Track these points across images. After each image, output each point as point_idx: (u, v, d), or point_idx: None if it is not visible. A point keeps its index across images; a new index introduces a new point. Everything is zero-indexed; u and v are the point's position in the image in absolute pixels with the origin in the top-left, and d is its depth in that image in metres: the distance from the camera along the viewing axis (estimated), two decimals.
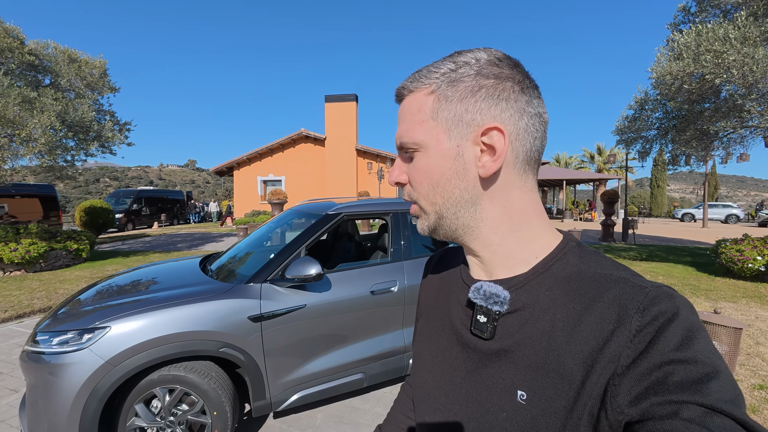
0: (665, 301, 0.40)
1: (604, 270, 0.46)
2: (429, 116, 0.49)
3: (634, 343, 0.39)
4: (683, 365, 0.36)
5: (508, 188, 0.49)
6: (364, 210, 3.07)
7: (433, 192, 0.51)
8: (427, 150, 0.50)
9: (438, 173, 0.50)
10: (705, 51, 5.49)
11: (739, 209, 26.37)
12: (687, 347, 0.37)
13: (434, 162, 0.50)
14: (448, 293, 0.61)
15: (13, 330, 4.73)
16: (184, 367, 2.21)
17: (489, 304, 0.49)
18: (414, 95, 0.51)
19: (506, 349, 0.48)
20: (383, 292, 2.83)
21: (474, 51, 0.49)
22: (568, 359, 0.42)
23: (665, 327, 0.38)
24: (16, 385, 3.32)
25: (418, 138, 0.50)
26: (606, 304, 0.42)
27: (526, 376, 0.45)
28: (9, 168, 7.93)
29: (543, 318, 0.46)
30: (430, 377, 0.58)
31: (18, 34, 7.88)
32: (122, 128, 9.43)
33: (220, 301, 2.33)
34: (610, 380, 0.39)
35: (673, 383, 0.36)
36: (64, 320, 2.21)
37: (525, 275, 0.49)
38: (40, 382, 2.01)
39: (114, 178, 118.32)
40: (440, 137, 0.49)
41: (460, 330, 0.54)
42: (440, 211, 0.51)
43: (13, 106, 6.65)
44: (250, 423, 2.72)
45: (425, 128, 0.50)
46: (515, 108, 0.47)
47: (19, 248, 7.46)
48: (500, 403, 0.47)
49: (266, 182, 21.89)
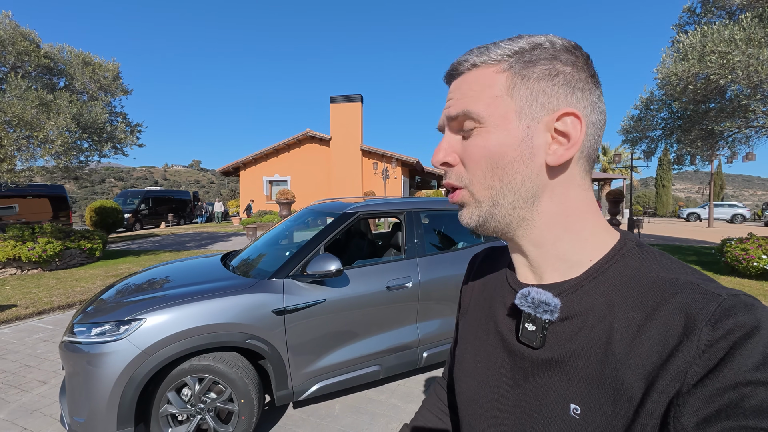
0: (743, 312, 0.35)
1: (669, 273, 0.42)
2: (502, 92, 0.46)
3: (704, 359, 0.35)
4: (764, 388, 0.32)
5: (569, 183, 0.46)
6: (379, 209, 3.19)
7: (491, 175, 0.46)
8: (490, 128, 0.46)
9: (500, 154, 0.45)
10: (710, 52, 5.56)
11: (745, 209, 26.25)
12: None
13: (497, 141, 0.45)
14: (492, 296, 0.58)
15: (35, 326, 4.89)
16: (213, 357, 2.33)
17: (538, 313, 0.46)
18: (481, 70, 0.47)
19: (557, 359, 0.44)
20: (398, 288, 2.94)
21: (546, 35, 0.47)
22: (627, 373, 0.39)
23: (742, 343, 0.34)
24: (45, 377, 3.47)
25: (483, 112, 0.46)
26: (670, 312, 0.38)
27: (579, 389, 0.42)
28: (24, 168, 8.12)
29: (598, 327, 0.42)
30: (474, 382, 0.56)
31: (34, 37, 8.07)
32: (134, 129, 9.61)
33: (246, 296, 2.45)
34: (674, 399, 0.35)
35: (750, 407, 0.32)
36: (101, 313, 2.34)
37: (578, 279, 0.46)
38: (80, 370, 2.14)
39: (119, 179, 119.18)
40: (510, 115, 0.45)
41: (507, 336, 0.51)
42: (496, 197, 0.47)
43: (30, 109, 6.83)
44: (272, 412, 2.84)
45: (495, 104, 0.46)
46: (589, 100, 0.45)
47: (36, 247, 7.64)
48: (551, 415, 0.44)
49: (272, 182, 22.07)
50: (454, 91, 0.49)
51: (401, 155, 20.25)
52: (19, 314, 5.10)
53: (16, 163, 7.70)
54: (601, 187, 28.08)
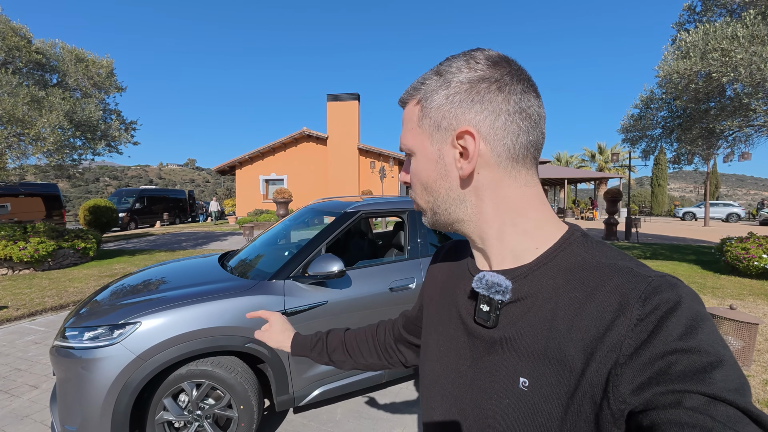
0: (668, 290, 0.40)
1: (609, 260, 0.46)
2: (416, 124, 0.54)
3: (636, 332, 0.39)
4: (686, 355, 0.36)
5: (496, 185, 0.51)
6: (381, 208, 3.11)
7: (424, 191, 0.56)
8: (416, 155, 0.55)
9: (425, 175, 0.54)
10: (712, 49, 5.52)
11: (740, 208, 26.43)
12: (690, 337, 0.37)
13: (422, 165, 0.54)
14: (455, 284, 0.62)
15: (26, 327, 4.77)
16: (211, 362, 2.24)
17: (491, 294, 0.50)
18: (408, 105, 0.56)
19: (508, 337, 0.49)
20: (402, 289, 2.86)
21: (458, 57, 0.51)
22: (569, 347, 0.43)
23: (668, 316, 0.38)
24: (35, 381, 3.36)
25: (408, 144, 0.56)
26: (607, 292, 0.43)
27: (528, 364, 0.46)
28: (16, 167, 7.96)
29: (545, 307, 0.47)
30: (437, 366, 0.60)
31: (25, 32, 7.90)
32: (128, 127, 9.46)
33: (245, 298, 2.36)
34: (612, 369, 0.39)
35: (676, 373, 0.36)
36: (94, 316, 2.24)
37: (528, 265, 0.50)
38: (72, 376, 2.05)
39: (114, 177, 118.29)
40: (425, 143, 0.53)
41: (466, 319, 0.56)
42: (433, 208, 0.56)
43: (22, 105, 6.68)
44: (271, 418, 2.75)
45: (413, 135, 0.54)
46: (490, 109, 0.48)
47: (28, 247, 7.49)
48: (503, 389, 0.48)
49: (268, 181, 21.92)
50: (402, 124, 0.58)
51: (398, 154, 20.16)
52: (10, 316, 4.97)
53: (8, 161, 7.54)
54: (597, 186, 28.16)
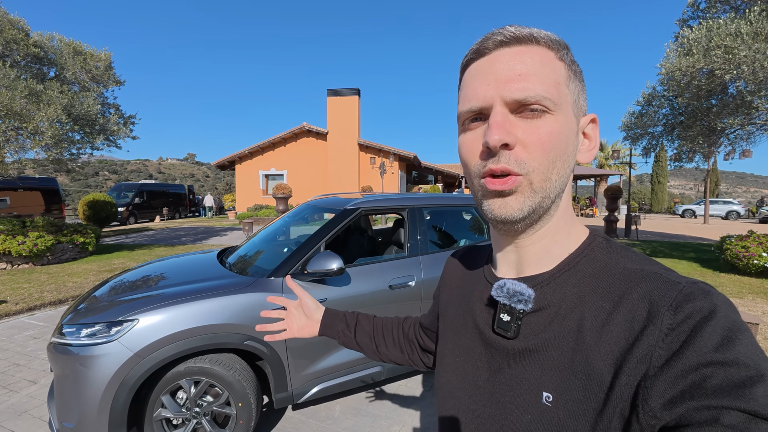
0: (701, 297, 0.37)
1: (634, 265, 0.44)
2: (563, 81, 0.44)
3: (667, 342, 0.36)
4: (723, 368, 0.33)
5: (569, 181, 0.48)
6: (382, 205, 3.09)
7: (552, 166, 0.44)
8: (558, 116, 0.43)
9: (563, 145, 0.44)
10: (715, 46, 5.48)
11: (740, 205, 26.41)
12: (727, 348, 0.34)
13: (564, 131, 0.44)
14: (470, 292, 0.59)
15: (25, 322, 4.76)
16: (210, 359, 2.23)
17: (512, 303, 0.47)
18: (542, 49, 0.44)
19: (531, 348, 0.46)
20: (401, 287, 2.85)
21: (560, 39, 0.47)
22: (597, 360, 0.40)
23: (702, 325, 0.36)
24: (34, 377, 3.36)
25: (556, 98, 0.43)
26: (635, 300, 0.40)
27: (552, 377, 0.43)
28: (14, 161, 7.92)
29: (569, 317, 0.44)
30: (453, 377, 0.57)
31: (23, 25, 7.83)
32: (127, 121, 9.40)
33: (244, 295, 2.35)
34: (642, 381, 0.37)
35: (712, 387, 0.33)
36: (91, 313, 2.23)
37: (550, 272, 0.48)
38: (70, 373, 2.04)
39: (113, 172, 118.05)
40: (568, 108, 0.45)
41: (484, 329, 0.53)
42: (549, 191, 0.44)
43: (20, 99, 6.63)
44: (270, 414, 2.75)
45: (560, 91, 0.44)
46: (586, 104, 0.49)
47: (27, 241, 7.47)
48: (525, 404, 0.45)
49: (268, 176, 21.88)
50: (513, 61, 0.43)
51: (399, 150, 20.10)
52: (8, 310, 4.96)
53: (6, 155, 7.50)
54: (597, 183, 28.12)
